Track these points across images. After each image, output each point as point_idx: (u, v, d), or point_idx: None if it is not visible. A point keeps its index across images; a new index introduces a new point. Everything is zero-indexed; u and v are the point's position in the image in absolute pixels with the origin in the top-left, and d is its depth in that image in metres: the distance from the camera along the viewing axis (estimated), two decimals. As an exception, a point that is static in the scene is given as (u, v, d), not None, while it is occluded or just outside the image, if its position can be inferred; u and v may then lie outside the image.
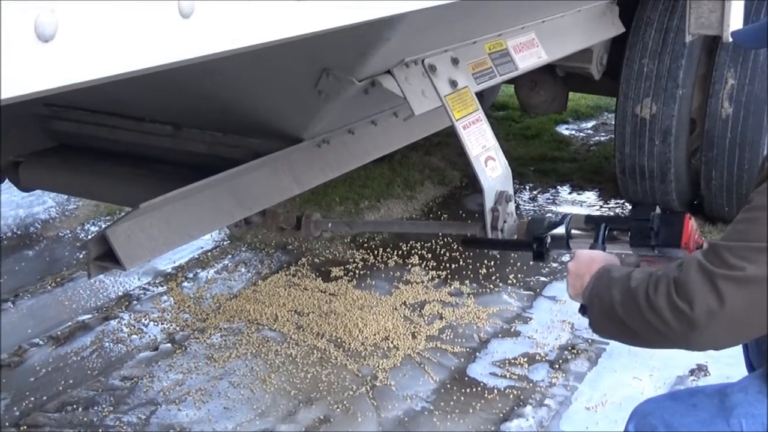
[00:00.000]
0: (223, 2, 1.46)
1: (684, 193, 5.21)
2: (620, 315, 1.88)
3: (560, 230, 2.66)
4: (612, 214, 5.66)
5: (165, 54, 1.37)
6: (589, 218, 2.56)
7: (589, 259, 2.11)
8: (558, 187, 6.20)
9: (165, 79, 1.80)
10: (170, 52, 1.38)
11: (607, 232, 2.38)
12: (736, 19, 3.97)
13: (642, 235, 2.34)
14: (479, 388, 3.71)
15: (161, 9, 1.36)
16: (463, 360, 3.93)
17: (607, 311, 1.93)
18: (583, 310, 2.13)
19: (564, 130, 7.66)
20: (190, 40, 1.41)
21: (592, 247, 2.29)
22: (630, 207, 5.63)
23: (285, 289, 4.55)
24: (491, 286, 4.63)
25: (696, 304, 1.72)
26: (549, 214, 5.06)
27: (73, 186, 3.61)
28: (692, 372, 3.76)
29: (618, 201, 5.77)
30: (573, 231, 2.63)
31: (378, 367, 3.83)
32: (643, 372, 3.78)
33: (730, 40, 3.72)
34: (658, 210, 2.39)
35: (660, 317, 1.77)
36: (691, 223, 2.28)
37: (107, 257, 2.74)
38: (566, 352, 3.97)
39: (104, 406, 3.59)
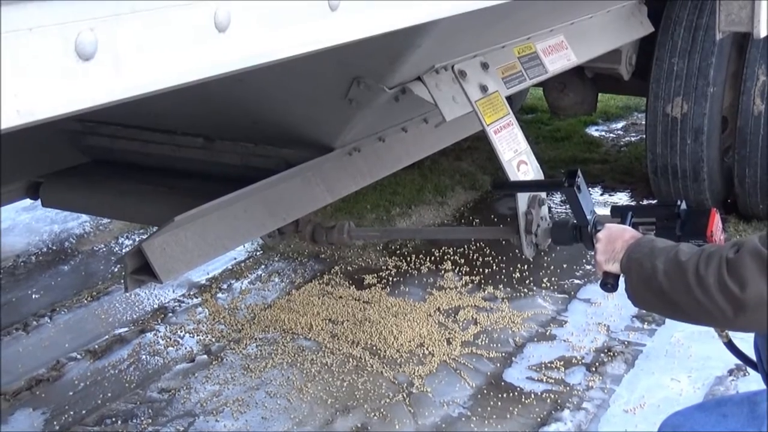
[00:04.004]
0: (258, 16, 1.47)
1: (717, 192, 5.17)
2: (663, 286, 1.84)
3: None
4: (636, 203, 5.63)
5: (203, 68, 1.38)
6: (614, 209, 2.55)
7: (621, 230, 2.13)
8: (589, 188, 6.15)
9: (196, 92, 1.81)
10: (208, 66, 1.38)
11: (632, 221, 2.38)
12: (766, 16, 3.93)
13: (668, 223, 2.34)
14: (516, 393, 3.69)
15: (198, 24, 1.36)
16: (499, 365, 3.92)
17: (648, 280, 1.89)
18: (604, 284, 2.13)
19: (594, 131, 7.62)
20: (227, 54, 1.42)
21: None
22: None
23: (319, 298, 4.56)
24: (525, 290, 4.61)
25: (748, 288, 1.68)
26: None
27: (101, 205, 3.58)
28: (731, 372, 3.72)
29: (650, 201, 5.73)
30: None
31: (414, 373, 3.82)
32: (681, 373, 3.76)
33: (761, 36, 3.68)
34: (683, 205, 2.40)
35: (708, 294, 1.73)
36: (717, 217, 2.29)
37: (143, 271, 2.76)
38: (602, 355, 3.94)
39: (143, 418, 3.61)
